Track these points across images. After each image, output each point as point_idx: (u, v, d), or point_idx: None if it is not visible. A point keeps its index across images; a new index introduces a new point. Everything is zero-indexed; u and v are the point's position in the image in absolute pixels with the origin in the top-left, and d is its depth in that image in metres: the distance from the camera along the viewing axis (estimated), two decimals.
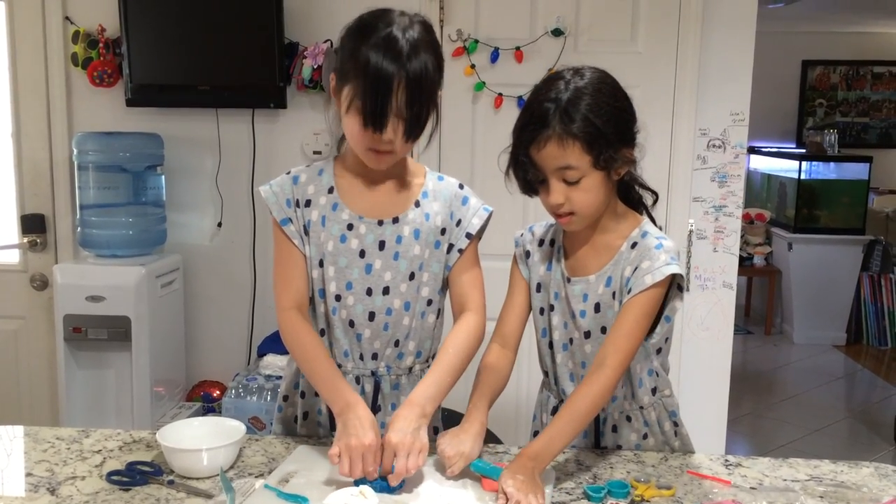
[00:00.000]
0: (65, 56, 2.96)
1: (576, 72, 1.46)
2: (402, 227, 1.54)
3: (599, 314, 1.53)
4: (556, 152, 1.41)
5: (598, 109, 1.41)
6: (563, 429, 1.40)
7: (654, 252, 1.47)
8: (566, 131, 1.40)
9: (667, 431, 1.62)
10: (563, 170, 1.43)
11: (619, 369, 1.43)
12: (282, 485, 1.37)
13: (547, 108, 1.41)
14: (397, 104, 1.39)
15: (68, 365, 2.77)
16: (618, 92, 1.47)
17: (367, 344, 1.57)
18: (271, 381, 2.77)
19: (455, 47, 2.86)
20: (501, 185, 1.57)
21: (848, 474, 1.50)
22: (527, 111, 1.46)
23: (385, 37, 1.39)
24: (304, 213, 1.55)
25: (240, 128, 3.00)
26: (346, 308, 1.55)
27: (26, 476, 1.44)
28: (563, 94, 1.41)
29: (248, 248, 3.06)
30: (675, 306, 1.53)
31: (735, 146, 2.90)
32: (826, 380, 5.21)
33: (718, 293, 2.94)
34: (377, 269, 1.54)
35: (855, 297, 5.87)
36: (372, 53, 1.38)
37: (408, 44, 1.39)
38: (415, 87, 1.39)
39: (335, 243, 1.54)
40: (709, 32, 2.84)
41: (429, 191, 1.58)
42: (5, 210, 3.11)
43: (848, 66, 6.92)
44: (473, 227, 1.59)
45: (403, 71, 1.38)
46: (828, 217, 5.97)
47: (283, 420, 1.69)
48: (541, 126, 1.41)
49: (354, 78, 1.40)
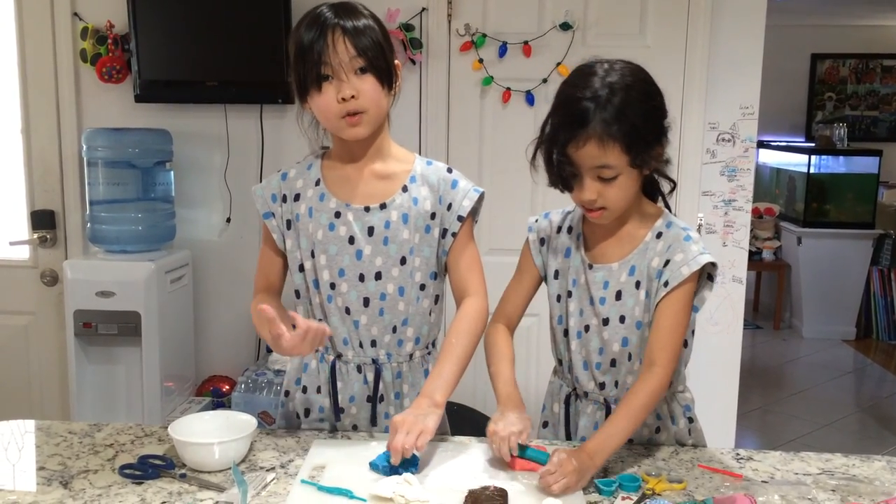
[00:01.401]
0: (73, 52, 2.97)
1: (610, 67, 1.45)
2: (389, 212, 1.56)
3: (620, 302, 1.53)
4: (596, 152, 1.41)
5: (637, 109, 1.41)
6: (618, 426, 1.42)
7: (685, 243, 1.49)
8: (607, 132, 1.39)
9: (681, 428, 1.62)
10: (600, 168, 1.43)
11: (669, 366, 1.45)
12: (315, 478, 1.38)
13: (586, 107, 1.40)
14: (342, 54, 1.45)
15: (79, 360, 2.78)
16: (652, 88, 1.47)
17: (364, 331, 1.58)
18: (280, 375, 2.77)
19: (463, 42, 2.86)
20: (510, 179, 1.57)
21: (860, 468, 1.50)
22: (563, 108, 1.44)
23: (311, 14, 1.48)
24: (291, 207, 1.59)
25: (248, 123, 3.00)
26: (340, 295, 1.57)
27: (39, 470, 1.44)
28: (601, 92, 1.40)
29: (257, 243, 3.04)
30: (703, 296, 1.54)
31: (744, 140, 2.89)
32: (836, 374, 5.20)
33: (728, 288, 2.93)
34: (367, 254, 1.56)
35: (864, 291, 5.85)
36: (303, 30, 1.47)
37: (335, 11, 1.46)
38: (354, 34, 1.45)
39: (324, 232, 1.56)
40: (718, 26, 2.82)
41: (417, 175, 1.60)
42: (15, 206, 3.13)
43: (857, 60, 6.88)
44: (464, 210, 1.59)
45: (338, 27, 1.45)
46: (837, 211, 5.94)
47: (285, 415, 1.71)
48: (580, 125, 1.40)
49: (296, 57, 1.48)
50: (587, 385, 1.60)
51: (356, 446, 1.52)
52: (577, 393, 1.63)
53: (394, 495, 1.29)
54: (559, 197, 1.57)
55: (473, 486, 1.33)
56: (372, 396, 1.61)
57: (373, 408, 1.61)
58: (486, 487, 1.32)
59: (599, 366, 1.58)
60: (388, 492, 1.30)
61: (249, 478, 1.37)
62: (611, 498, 1.36)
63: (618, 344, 1.55)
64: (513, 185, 2.77)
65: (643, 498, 1.34)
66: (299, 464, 1.45)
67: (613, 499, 1.35)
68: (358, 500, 1.31)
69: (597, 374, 1.59)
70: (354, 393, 1.61)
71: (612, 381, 1.58)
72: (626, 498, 1.35)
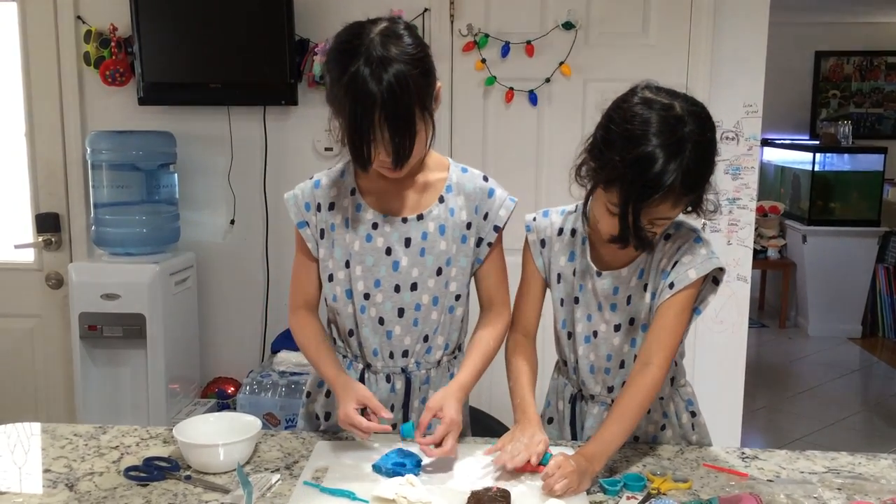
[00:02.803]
0: (77, 55, 2.98)
1: (680, 118, 1.34)
2: (426, 223, 1.55)
3: (630, 306, 1.52)
4: (667, 210, 1.38)
5: (710, 165, 1.38)
6: (614, 429, 1.41)
7: (695, 245, 1.48)
8: (683, 196, 1.36)
9: (685, 423, 1.62)
10: (662, 219, 1.40)
11: (664, 366, 1.45)
12: (318, 481, 1.38)
13: (666, 170, 1.31)
14: (382, 136, 1.38)
15: (84, 362, 2.79)
16: (715, 133, 1.40)
17: (396, 341, 1.58)
18: (285, 377, 2.78)
19: (466, 42, 2.86)
20: (512, 179, 1.58)
21: (866, 466, 1.49)
22: (637, 166, 1.32)
23: (357, 76, 1.35)
24: (325, 216, 1.57)
25: (251, 125, 3.00)
26: (374, 306, 1.56)
27: (44, 472, 1.45)
28: (681, 154, 1.32)
29: (261, 245, 3.07)
30: (707, 300, 1.53)
31: (748, 138, 2.88)
32: (841, 373, 5.18)
33: (733, 286, 2.93)
34: (404, 265, 1.55)
35: (870, 289, 5.82)
36: (349, 100, 1.36)
37: (382, 82, 1.34)
38: (395, 119, 1.36)
39: (361, 243, 1.54)
40: (721, 24, 2.82)
41: (452, 184, 1.58)
42: (20, 209, 3.13)
43: (861, 57, 6.85)
44: (501, 220, 1.59)
45: (382, 111, 1.35)
46: (842, 209, 5.92)
47: (306, 416, 1.71)
48: (659, 189, 1.32)
49: (339, 114, 1.41)
50: (594, 388, 1.60)
51: (359, 448, 1.52)
52: (584, 395, 1.62)
53: (396, 497, 1.29)
54: (563, 197, 1.56)
55: (476, 488, 1.33)
56: (403, 404, 1.60)
57: (405, 416, 1.60)
58: (489, 488, 1.32)
59: (609, 371, 1.57)
60: (391, 493, 1.30)
61: (254, 479, 1.37)
62: (616, 497, 1.35)
63: (627, 346, 1.55)
64: (516, 184, 2.73)
65: (648, 497, 1.34)
66: (304, 465, 1.45)
67: (618, 498, 1.35)
68: (360, 502, 1.31)
69: (606, 378, 1.58)
70: (381, 399, 1.56)
71: (620, 384, 1.57)
72: (631, 497, 1.35)
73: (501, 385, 1.62)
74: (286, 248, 3.01)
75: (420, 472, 1.40)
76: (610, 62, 2.84)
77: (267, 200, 3.03)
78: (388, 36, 1.38)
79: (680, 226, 1.52)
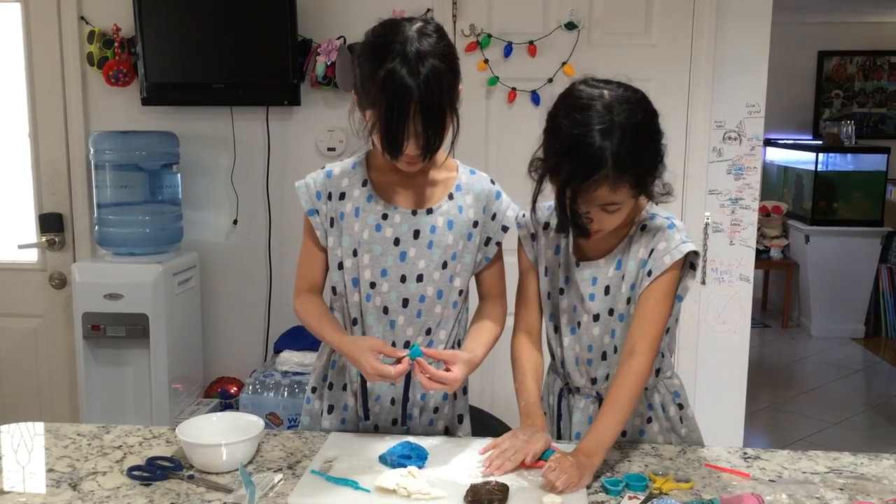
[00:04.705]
0: (80, 56, 2.98)
1: (611, 100, 1.40)
2: (435, 217, 1.59)
3: (609, 296, 1.55)
4: (607, 194, 1.41)
5: (645, 147, 1.42)
6: (608, 421, 1.44)
7: (669, 232, 1.51)
8: (619, 178, 1.39)
9: (672, 416, 1.63)
10: (607, 205, 1.44)
11: (649, 354, 1.47)
12: (326, 470, 1.41)
13: (598, 152, 1.37)
14: (415, 129, 1.44)
15: (87, 362, 2.79)
16: (655, 119, 1.45)
17: (400, 331, 1.60)
18: (288, 377, 2.78)
19: (468, 42, 2.86)
20: (514, 179, 1.59)
21: (868, 466, 1.49)
22: (571, 151, 1.39)
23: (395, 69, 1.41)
24: (336, 205, 1.60)
25: (254, 125, 3.01)
26: (380, 295, 1.59)
27: (48, 472, 1.45)
28: (612, 136, 1.37)
29: (264, 245, 3.07)
30: (686, 285, 1.55)
31: (751, 138, 2.88)
32: (844, 373, 5.17)
33: (735, 286, 2.93)
34: (411, 256, 1.58)
35: (873, 289, 5.82)
36: (385, 93, 1.41)
37: (419, 76, 1.41)
38: (429, 112, 1.43)
39: (370, 232, 1.58)
40: (724, 23, 2.82)
41: (462, 184, 1.63)
42: (24, 210, 3.14)
43: (864, 57, 6.84)
44: (509, 220, 1.65)
45: (417, 104, 1.41)
46: (845, 209, 5.91)
47: (310, 412, 1.72)
48: (592, 171, 1.37)
49: (371, 106, 1.45)
50: (579, 381, 1.62)
51: (370, 441, 1.54)
52: (570, 388, 1.65)
53: (397, 487, 1.32)
54: None
55: (476, 481, 1.34)
56: (402, 397, 1.63)
57: (403, 410, 1.64)
58: (488, 482, 1.34)
59: (591, 361, 1.60)
60: (392, 483, 1.33)
61: (257, 479, 1.37)
62: (618, 497, 1.36)
63: (608, 336, 1.57)
64: (518, 184, 2.74)
65: (650, 497, 1.34)
66: (307, 465, 1.46)
67: (620, 498, 1.36)
68: (362, 491, 1.33)
69: (589, 369, 1.61)
70: (381, 393, 1.64)
71: (603, 376, 1.60)
72: (633, 497, 1.35)
73: (502, 385, 1.63)
74: (289, 247, 3.01)
75: (424, 464, 1.43)
76: (612, 62, 2.84)
77: (270, 200, 3.04)
78: (424, 33, 1.45)
79: (654, 216, 1.55)
